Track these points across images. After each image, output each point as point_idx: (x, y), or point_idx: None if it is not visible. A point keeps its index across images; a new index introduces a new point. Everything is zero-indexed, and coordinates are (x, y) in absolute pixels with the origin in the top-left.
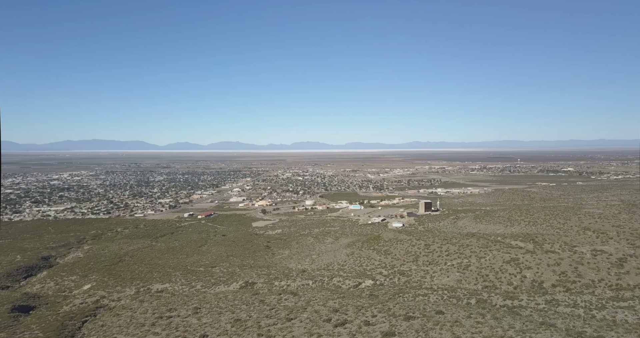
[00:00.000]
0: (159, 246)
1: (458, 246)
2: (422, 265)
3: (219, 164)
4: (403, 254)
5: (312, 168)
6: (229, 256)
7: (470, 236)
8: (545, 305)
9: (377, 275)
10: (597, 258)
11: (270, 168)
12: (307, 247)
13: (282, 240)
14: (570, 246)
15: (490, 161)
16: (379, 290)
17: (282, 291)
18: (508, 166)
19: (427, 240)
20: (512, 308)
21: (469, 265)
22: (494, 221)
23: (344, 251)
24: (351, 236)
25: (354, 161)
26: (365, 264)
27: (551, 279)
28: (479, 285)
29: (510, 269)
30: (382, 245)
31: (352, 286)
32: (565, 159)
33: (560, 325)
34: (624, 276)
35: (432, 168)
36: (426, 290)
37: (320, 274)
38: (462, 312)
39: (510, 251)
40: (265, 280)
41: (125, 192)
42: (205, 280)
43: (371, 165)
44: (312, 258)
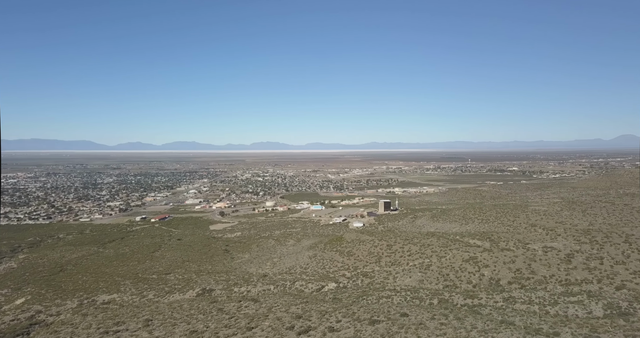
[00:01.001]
0: (106, 253)
1: (419, 246)
2: (384, 266)
3: (174, 165)
4: (366, 255)
5: (272, 169)
6: (185, 261)
7: (430, 236)
8: (503, 302)
9: (341, 277)
10: (548, 255)
11: (228, 169)
12: (268, 250)
13: (242, 243)
14: (524, 244)
15: (443, 161)
16: (343, 293)
17: (242, 298)
18: (460, 166)
19: (390, 241)
20: (472, 307)
21: (430, 264)
22: (450, 220)
23: (306, 254)
24: (313, 238)
25: (315, 161)
26: (328, 266)
27: (507, 276)
28: (440, 284)
29: (470, 268)
30: (344, 246)
31: (315, 290)
32: (510, 159)
33: (519, 323)
34: (572, 272)
35: (390, 168)
36: (389, 291)
37: (282, 278)
38: (425, 314)
39: (468, 250)
40: (224, 286)
41: (70, 195)
42: (158, 288)
43: (331, 165)
44: (274, 262)
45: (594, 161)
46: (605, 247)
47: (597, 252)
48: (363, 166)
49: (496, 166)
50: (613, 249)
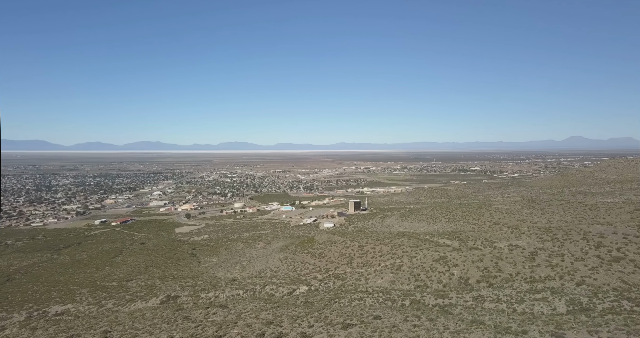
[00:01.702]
0: (61, 260)
1: (390, 247)
2: (356, 267)
3: (137, 166)
4: (337, 256)
5: (240, 169)
6: (148, 267)
7: (401, 236)
8: (472, 301)
9: (312, 280)
10: (513, 253)
11: (195, 170)
12: (237, 253)
13: (209, 247)
14: (490, 242)
15: (410, 161)
16: (315, 296)
17: (210, 305)
18: (426, 166)
19: (361, 241)
20: (443, 307)
21: (402, 265)
22: (418, 219)
23: (276, 256)
24: (284, 240)
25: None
26: (300, 269)
27: (476, 275)
28: (412, 285)
29: (440, 267)
30: (316, 248)
31: (286, 293)
32: (473, 159)
33: (489, 322)
34: (536, 269)
35: (359, 168)
36: (362, 293)
37: (251, 282)
38: (398, 316)
39: (438, 249)
40: (190, 292)
41: (20, 198)
42: (118, 296)
43: (301, 166)
44: (243, 265)
45: (548, 161)
46: (565, 244)
47: (558, 249)
48: (332, 166)
49: (460, 166)
50: (572, 246)
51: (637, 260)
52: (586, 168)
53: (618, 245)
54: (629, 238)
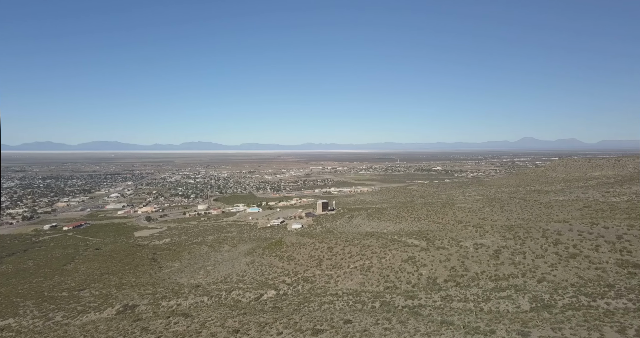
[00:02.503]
0: (2, 269)
1: (360, 248)
2: (326, 270)
3: (93, 167)
4: (306, 259)
5: (204, 170)
6: (104, 274)
7: (370, 236)
8: (441, 302)
9: (280, 283)
10: (479, 252)
11: (156, 171)
12: (201, 257)
13: (171, 251)
14: (457, 242)
15: (375, 162)
16: (283, 300)
17: (171, 314)
18: (390, 166)
19: (330, 243)
20: (413, 308)
21: (371, 266)
22: (385, 218)
23: (243, 260)
24: (250, 242)
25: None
26: (267, 272)
27: (443, 275)
28: (381, 286)
29: (409, 268)
30: (284, 251)
31: (253, 299)
32: (434, 159)
33: (458, 322)
34: (500, 267)
35: (325, 168)
36: (331, 296)
37: (216, 288)
38: (369, 319)
39: (407, 249)
40: (150, 300)
41: None
42: (68, 308)
43: (268, 166)
44: (207, 270)
45: (503, 161)
46: (526, 242)
47: (520, 247)
48: (300, 166)
49: (422, 166)
50: (533, 244)
51: (592, 256)
52: (538, 168)
53: (574, 241)
54: (583, 235)
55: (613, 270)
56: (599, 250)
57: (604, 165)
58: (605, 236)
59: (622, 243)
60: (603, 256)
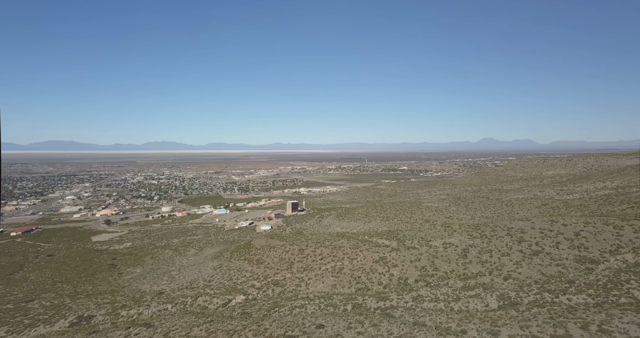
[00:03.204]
0: None
1: (331, 249)
2: (296, 272)
3: (46, 168)
4: (277, 262)
5: (169, 171)
6: (57, 283)
7: (341, 237)
8: (412, 302)
9: (250, 288)
10: (448, 251)
11: (116, 171)
12: (165, 262)
13: (133, 255)
14: (426, 241)
15: (344, 162)
16: (253, 306)
17: (132, 324)
18: (358, 166)
19: (301, 244)
20: (385, 310)
21: (343, 267)
22: (355, 218)
23: (210, 264)
24: (218, 245)
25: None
26: (236, 277)
27: (414, 275)
28: (353, 288)
29: (380, 268)
30: (253, 254)
31: (221, 305)
32: (400, 159)
33: (430, 323)
34: (469, 266)
35: (295, 169)
36: (302, 300)
37: (182, 294)
38: (342, 323)
39: (378, 250)
40: (108, 310)
41: None
42: (14, 321)
43: (235, 166)
44: (172, 276)
45: (465, 161)
46: (492, 241)
47: (486, 246)
48: (268, 166)
49: (389, 166)
50: (499, 242)
51: (553, 253)
52: (498, 167)
53: (536, 239)
54: (544, 233)
55: (572, 266)
56: (559, 246)
57: (557, 165)
58: (564, 233)
59: (580, 239)
60: (563, 253)
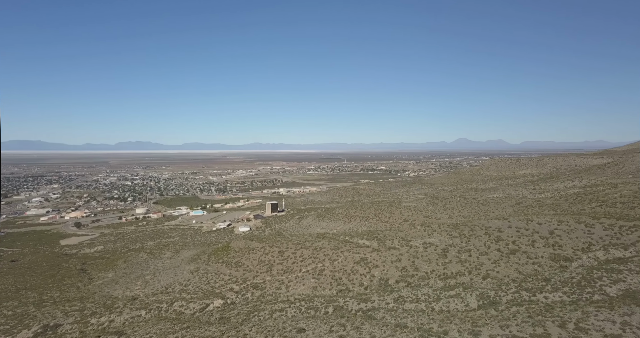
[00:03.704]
0: None
1: (312, 250)
2: (276, 275)
3: (10, 169)
4: (256, 264)
5: (143, 171)
6: (20, 290)
7: (322, 238)
8: (394, 303)
9: (228, 292)
10: (428, 251)
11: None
12: (139, 266)
13: (105, 259)
14: (407, 241)
15: (323, 162)
16: (231, 310)
17: (102, 332)
18: (337, 166)
19: (281, 246)
20: (366, 311)
21: (323, 269)
22: (335, 218)
23: (186, 267)
24: (194, 248)
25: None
26: (214, 280)
27: (395, 275)
28: (334, 289)
29: (361, 269)
30: (232, 256)
31: (198, 310)
32: (379, 159)
33: (411, 324)
34: (448, 265)
35: (274, 169)
36: (283, 303)
37: (156, 300)
38: (323, 326)
39: (359, 251)
40: (76, 318)
41: None
42: None
43: (213, 167)
44: (146, 280)
45: (441, 161)
46: (471, 240)
47: (465, 245)
48: (247, 166)
49: (368, 166)
50: (477, 241)
51: (529, 252)
52: (473, 167)
53: (513, 238)
54: (521, 231)
55: (547, 264)
56: (535, 245)
57: (528, 164)
58: (539, 231)
59: (554, 237)
60: (539, 251)
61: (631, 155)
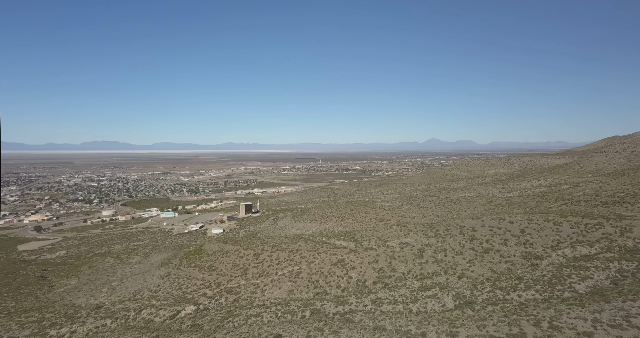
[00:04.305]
0: None
1: (288, 253)
2: (252, 279)
3: None
4: (230, 268)
5: (111, 172)
6: None
7: (298, 240)
8: (371, 305)
9: (201, 297)
10: (404, 251)
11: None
12: (105, 271)
13: (67, 265)
14: (384, 242)
15: (298, 162)
16: (204, 316)
17: None
18: (312, 166)
19: (256, 249)
20: (344, 314)
21: (300, 271)
22: (311, 219)
23: (156, 272)
24: (165, 251)
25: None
26: (186, 285)
27: (372, 276)
28: (311, 292)
29: (338, 271)
30: (205, 260)
31: (168, 317)
32: (353, 159)
33: (390, 327)
34: (425, 265)
35: (248, 169)
36: (258, 307)
37: (123, 307)
38: (300, 331)
39: (336, 252)
40: (33, 330)
41: None
42: None
43: (184, 167)
44: (112, 286)
45: (414, 160)
46: (447, 239)
47: (441, 245)
48: (220, 167)
49: (342, 166)
50: (452, 241)
51: (502, 250)
52: (445, 167)
53: (487, 237)
54: (494, 230)
55: (519, 262)
56: (507, 244)
57: (497, 164)
58: (511, 230)
59: (525, 236)
60: (511, 250)
61: (590, 155)
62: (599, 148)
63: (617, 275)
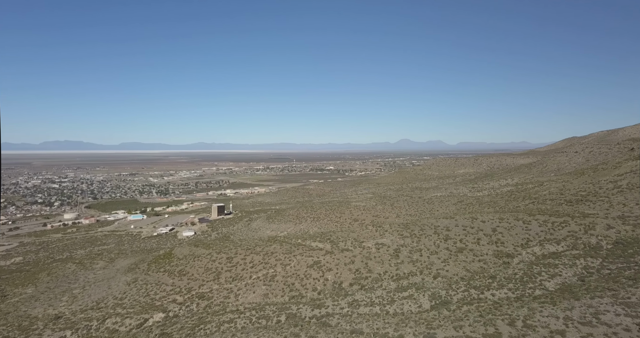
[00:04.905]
0: None
1: (263, 256)
2: (224, 283)
3: None
4: (202, 272)
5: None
6: None
7: (273, 242)
8: (348, 308)
9: (170, 304)
10: (380, 251)
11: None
12: (66, 278)
13: (23, 273)
14: (359, 242)
15: (271, 162)
16: (174, 324)
17: None
18: (286, 166)
19: (229, 252)
20: (320, 318)
21: (275, 274)
22: (285, 220)
23: (122, 278)
24: (132, 256)
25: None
26: (154, 292)
27: (349, 278)
28: (287, 296)
29: (314, 273)
30: (175, 264)
31: (135, 326)
32: (327, 159)
33: (367, 330)
34: (401, 266)
35: (220, 169)
36: (232, 313)
37: (85, 317)
38: (275, 337)
39: (312, 254)
40: None
41: None
42: None
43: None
44: (74, 295)
45: (386, 160)
46: (422, 239)
47: (416, 245)
48: (191, 167)
49: (317, 166)
50: (427, 241)
51: (475, 250)
52: (416, 167)
53: (460, 236)
54: (467, 230)
55: (492, 261)
56: (480, 243)
57: (466, 164)
58: (483, 229)
59: (497, 235)
60: (484, 249)
61: (552, 155)
62: (560, 148)
63: (584, 272)
